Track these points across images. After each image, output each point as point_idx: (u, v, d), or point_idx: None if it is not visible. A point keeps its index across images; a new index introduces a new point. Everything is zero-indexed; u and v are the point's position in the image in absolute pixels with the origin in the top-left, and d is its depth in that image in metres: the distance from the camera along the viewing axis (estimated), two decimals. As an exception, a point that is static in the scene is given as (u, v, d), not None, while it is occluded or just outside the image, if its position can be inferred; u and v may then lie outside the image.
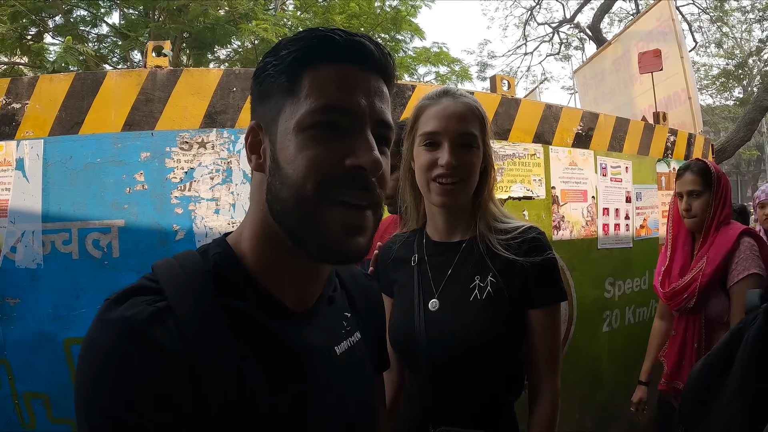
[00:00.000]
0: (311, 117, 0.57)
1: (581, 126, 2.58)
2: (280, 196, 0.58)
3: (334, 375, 0.66)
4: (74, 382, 0.52)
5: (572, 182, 2.51)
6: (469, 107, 1.07)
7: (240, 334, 0.57)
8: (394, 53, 8.23)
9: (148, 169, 1.74)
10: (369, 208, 0.60)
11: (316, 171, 0.56)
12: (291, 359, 0.61)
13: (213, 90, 1.83)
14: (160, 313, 0.53)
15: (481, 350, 1.01)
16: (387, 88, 0.64)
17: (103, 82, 1.77)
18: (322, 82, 0.58)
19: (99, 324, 0.53)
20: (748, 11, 12.08)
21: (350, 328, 0.72)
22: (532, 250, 1.04)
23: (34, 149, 1.73)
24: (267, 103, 0.61)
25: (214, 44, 7.13)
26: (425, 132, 1.07)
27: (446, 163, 1.02)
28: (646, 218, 2.91)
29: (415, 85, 2.10)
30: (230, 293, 0.59)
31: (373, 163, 0.57)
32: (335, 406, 0.65)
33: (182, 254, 0.62)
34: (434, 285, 1.09)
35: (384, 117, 0.61)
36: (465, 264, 1.07)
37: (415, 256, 1.14)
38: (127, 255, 1.70)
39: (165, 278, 0.57)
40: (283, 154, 0.58)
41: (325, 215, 0.57)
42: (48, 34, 6.47)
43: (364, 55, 0.60)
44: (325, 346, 0.66)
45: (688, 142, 3.24)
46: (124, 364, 0.50)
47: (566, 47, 12.84)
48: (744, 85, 15.18)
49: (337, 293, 0.72)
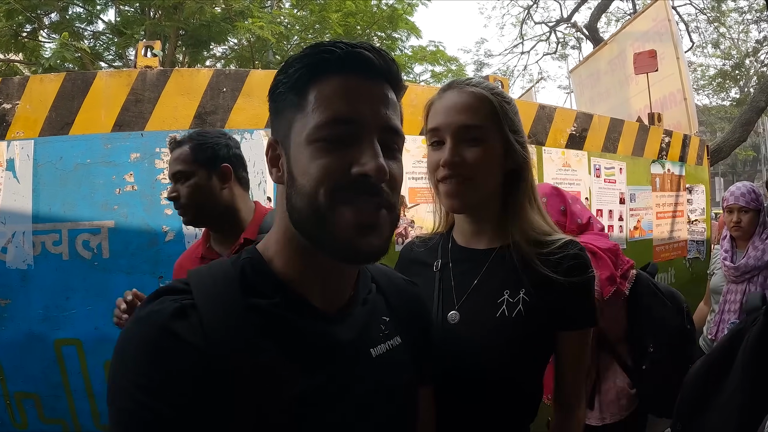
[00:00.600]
0: (319, 130, 0.60)
1: (575, 127, 2.58)
2: (297, 205, 0.61)
3: (369, 374, 0.67)
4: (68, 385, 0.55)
5: (566, 183, 2.51)
6: (475, 96, 0.95)
7: (266, 331, 0.60)
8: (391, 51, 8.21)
9: (138, 170, 1.74)
10: (381, 209, 0.62)
11: (325, 179, 0.59)
12: (315, 352, 0.63)
13: (203, 90, 1.82)
14: (185, 309, 0.57)
15: (500, 372, 0.91)
16: (394, 92, 0.66)
17: (93, 83, 1.76)
18: (327, 96, 0.61)
19: (132, 319, 0.58)
20: (746, 12, 12.10)
21: (389, 332, 0.73)
22: (574, 268, 0.92)
23: (24, 150, 1.73)
24: (281, 119, 0.65)
25: (209, 42, 7.11)
26: (428, 130, 0.99)
27: (445, 162, 0.93)
28: (640, 219, 2.92)
29: (407, 86, 2.10)
30: (256, 293, 0.62)
31: (377, 170, 0.59)
32: (373, 403, 0.66)
33: (214, 262, 0.67)
34: (456, 295, 0.97)
35: (390, 123, 0.63)
36: (494, 275, 0.96)
37: (438, 261, 1.03)
38: (117, 256, 1.69)
39: (194, 281, 0.61)
40: (297, 166, 0.62)
41: (337, 218, 0.60)
42: (43, 31, 6.44)
43: (366, 64, 0.62)
44: (356, 345, 0.67)
45: (683, 143, 3.24)
46: (148, 353, 0.54)
47: (563, 46, 12.84)
48: (740, 86, 15.21)
49: (371, 296, 0.74)
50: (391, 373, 0.70)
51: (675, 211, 3.20)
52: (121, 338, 0.57)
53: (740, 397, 0.97)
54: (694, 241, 3.35)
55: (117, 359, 0.56)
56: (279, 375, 0.59)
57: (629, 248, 2.82)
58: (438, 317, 0.96)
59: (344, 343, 0.66)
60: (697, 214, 3.39)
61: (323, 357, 0.63)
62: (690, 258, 3.29)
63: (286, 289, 0.64)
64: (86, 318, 1.68)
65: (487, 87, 0.97)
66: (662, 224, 3.08)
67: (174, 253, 1.71)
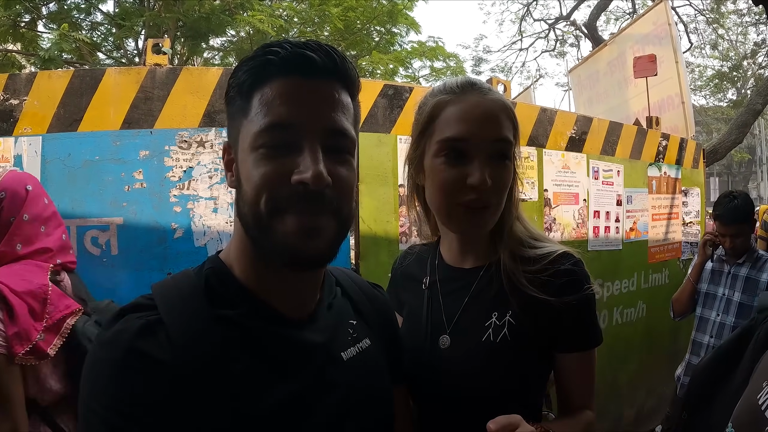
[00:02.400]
0: (259, 137, 0.59)
1: (575, 130, 2.62)
2: (243, 212, 0.61)
3: (343, 377, 0.67)
4: None
5: (564, 185, 2.55)
6: (501, 106, 0.85)
7: (236, 341, 0.60)
8: (390, 46, 8.20)
9: (147, 168, 1.76)
10: (323, 213, 0.60)
11: (265, 189, 0.58)
12: (287, 359, 0.63)
13: (212, 89, 1.84)
14: (151, 325, 0.57)
15: (490, 395, 0.86)
16: (346, 92, 0.64)
17: (102, 80, 1.77)
18: (268, 101, 0.59)
19: (97, 341, 0.58)
20: (744, 14, 12.15)
21: (357, 335, 0.73)
22: (567, 286, 0.84)
23: (32, 146, 1.74)
24: (231, 124, 0.64)
25: (209, 34, 7.08)
26: (448, 138, 0.84)
27: (480, 183, 0.81)
28: (636, 221, 2.96)
29: (413, 88, 2.12)
30: (223, 304, 0.62)
31: (315, 177, 0.57)
32: (346, 409, 0.66)
33: (179, 273, 0.65)
34: (446, 317, 0.92)
35: (337, 125, 0.61)
36: (481, 296, 0.89)
37: (427, 279, 0.97)
38: (125, 253, 1.71)
39: (159, 294, 0.60)
40: (243, 172, 0.61)
41: (278, 225, 0.59)
42: (41, 21, 6.39)
43: (309, 65, 0.60)
44: (326, 349, 0.67)
45: (679, 147, 3.29)
46: (117, 374, 0.54)
47: (562, 44, 12.87)
48: (738, 88, 15.30)
49: (337, 300, 0.74)
50: (364, 375, 0.70)
51: (670, 213, 3.25)
52: (88, 361, 0.56)
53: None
54: (688, 243, 3.40)
55: (86, 382, 0.56)
56: (253, 384, 0.59)
57: (625, 249, 2.87)
58: (427, 339, 0.92)
59: (315, 348, 0.65)
60: (692, 217, 3.44)
61: (295, 363, 0.63)
62: (684, 259, 3.35)
63: (251, 298, 0.63)
64: (94, 313, 1.70)
65: (504, 97, 0.89)
66: (657, 226, 3.13)
67: (182, 251, 1.74)
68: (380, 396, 0.73)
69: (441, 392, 0.89)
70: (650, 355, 3.03)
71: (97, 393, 0.54)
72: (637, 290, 2.95)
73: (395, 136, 2.01)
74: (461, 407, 0.88)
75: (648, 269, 3.03)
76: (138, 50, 7.25)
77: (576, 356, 0.87)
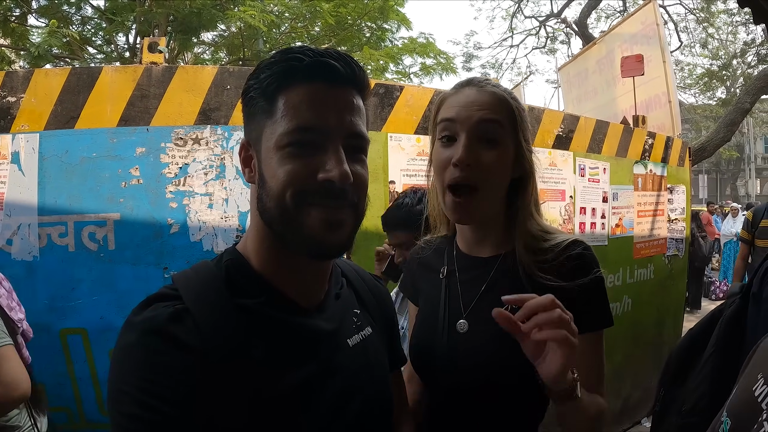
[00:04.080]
0: (286, 137, 0.64)
1: (562, 128, 2.68)
2: (267, 206, 0.66)
3: (349, 362, 0.72)
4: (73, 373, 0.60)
5: (551, 182, 2.61)
6: (496, 96, 0.90)
7: (256, 329, 0.64)
8: (381, 42, 8.22)
9: (144, 164, 1.79)
10: (346, 207, 0.66)
11: (292, 184, 0.63)
12: (302, 345, 0.68)
13: (207, 87, 1.87)
14: (179, 313, 0.61)
15: (508, 379, 0.87)
16: (360, 98, 0.69)
17: (98, 78, 1.80)
18: (294, 104, 0.64)
19: (126, 327, 0.61)
20: (734, 14, 12.28)
21: (360, 323, 0.79)
22: (578, 269, 0.88)
23: (29, 143, 1.76)
24: (252, 123, 0.69)
25: (199, 29, 7.04)
26: (440, 120, 0.92)
27: (459, 159, 0.86)
28: (622, 218, 3.04)
29: (403, 86, 2.17)
30: (242, 294, 0.66)
31: (341, 175, 0.63)
32: (351, 391, 0.71)
33: (198, 264, 0.70)
34: (463, 304, 0.95)
35: (355, 129, 0.67)
36: (499, 283, 0.93)
37: (445, 268, 1.00)
38: (122, 247, 1.75)
39: (183, 285, 0.65)
40: (267, 169, 0.66)
41: (304, 217, 0.64)
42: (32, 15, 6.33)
43: (332, 73, 0.65)
44: (334, 336, 0.72)
45: (666, 145, 3.36)
46: (149, 357, 0.58)
47: (552, 41, 12.95)
48: (727, 86, 15.48)
49: (344, 290, 0.79)
50: (366, 361, 0.75)
51: (656, 210, 3.33)
52: (119, 345, 0.60)
53: (710, 367, 1.09)
54: (673, 239, 3.48)
55: (117, 365, 0.59)
56: (271, 369, 0.63)
57: (610, 245, 2.94)
58: (444, 325, 0.94)
59: (327, 336, 0.70)
60: (677, 213, 3.53)
61: (308, 350, 0.68)
62: (669, 255, 3.43)
63: (268, 288, 0.68)
64: (92, 308, 1.73)
65: (506, 90, 0.94)
66: (643, 222, 3.21)
67: (178, 246, 1.78)
68: (380, 380, 0.79)
69: (457, 376, 0.91)
70: (636, 348, 3.11)
71: (128, 375, 0.57)
72: (623, 285, 3.03)
73: (386, 134, 2.06)
74: (476, 391, 0.91)
75: (633, 265, 3.11)
76: (129, 45, 7.20)
77: (587, 338, 0.87)
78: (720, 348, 1.10)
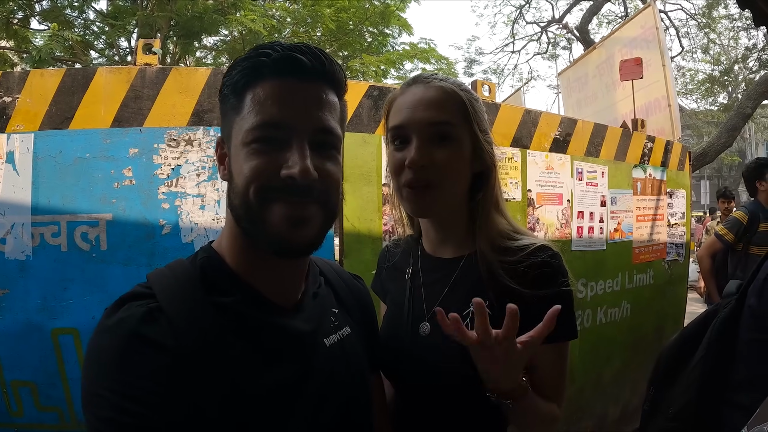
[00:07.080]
0: (251, 134, 0.63)
1: (559, 131, 2.67)
2: (234, 203, 0.66)
3: (325, 362, 0.71)
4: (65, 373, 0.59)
5: (548, 186, 2.60)
6: (444, 91, 0.89)
7: (231, 327, 0.63)
8: (382, 47, 8.25)
9: (136, 165, 1.79)
10: (311, 204, 0.65)
11: (256, 180, 0.63)
12: (278, 345, 0.67)
13: (201, 89, 1.87)
14: (152, 312, 0.60)
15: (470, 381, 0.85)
16: (334, 93, 0.68)
17: (93, 79, 1.80)
18: (260, 100, 0.64)
19: (99, 329, 0.60)
20: (736, 19, 12.29)
21: (338, 323, 0.78)
22: (540, 278, 0.85)
23: (24, 143, 1.77)
24: (225, 120, 0.68)
25: (201, 33, 7.09)
26: (390, 128, 0.92)
27: (411, 161, 0.86)
28: (620, 222, 3.02)
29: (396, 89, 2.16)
30: (218, 292, 0.65)
31: (301, 171, 0.62)
32: (327, 392, 0.70)
33: (173, 263, 0.69)
34: (426, 306, 0.94)
35: (323, 124, 0.66)
36: (461, 285, 0.92)
37: (410, 269, 1.00)
38: (114, 248, 1.74)
39: (157, 283, 0.64)
40: (235, 166, 0.66)
41: (266, 214, 0.63)
42: (34, 18, 6.39)
43: (300, 67, 0.65)
44: (311, 336, 0.71)
45: (665, 149, 3.35)
46: (123, 358, 0.57)
47: (554, 47, 12.98)
48: (728, 92, 15.47)
49: (321, 289, 0.78)
50: (343, 361, 0.75)
51: (655, 214, 3.30)
52: (91, 347, 0.59)
53: (699, 372, 1.08)
54: (673, 244, 3.46)
55: (90, 368, 0.58)
56: (247, 369, 0.62)
57: (609, 250, 2.92)
58: (408, 327, 0.94)
59: (303, 335, 0.70)
60: (677, 218, 3.50)
61: (285, 351, 0.67)
62: (669, 260, 3.41)
63: (243, 286, 0.67)
64: (83, 308, 1.73)
65: (455, 83, 0.92)
66: (642, 227, 3.19)
67: (170, 247, 1.77)
68: (358, 381, 0.77)
69: (420, 378, 0.91)
70: (635, 355, 3.09)
71: (103, 378, 0.57)
72: (622, 290, 3.00)
73: (379, 136, 2.05)
74: (439, 393, 0.90)
75: (632, 270, 3.08)
76: (131, 49, 7.25)
77: (549, 349, 0.85)
78: (711, 353, 1.09)
